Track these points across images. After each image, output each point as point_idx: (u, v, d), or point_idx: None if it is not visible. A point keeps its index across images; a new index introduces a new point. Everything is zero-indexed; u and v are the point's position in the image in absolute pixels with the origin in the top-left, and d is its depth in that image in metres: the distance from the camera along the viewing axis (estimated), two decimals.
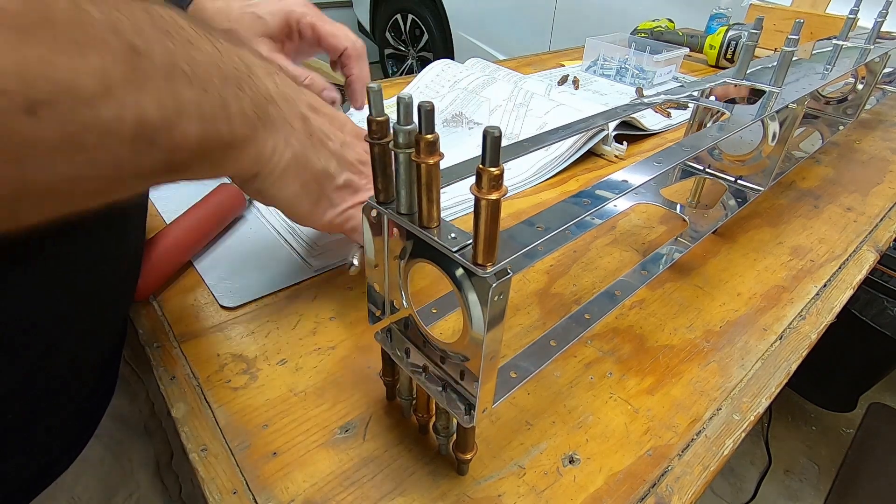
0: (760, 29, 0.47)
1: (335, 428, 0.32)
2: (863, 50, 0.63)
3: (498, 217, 0.20)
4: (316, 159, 0.33)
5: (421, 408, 0.31)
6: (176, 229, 0.43)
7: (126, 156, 0.20)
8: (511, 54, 1.21)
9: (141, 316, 0.40)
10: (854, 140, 0.78)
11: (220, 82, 0.24)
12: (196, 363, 0.36)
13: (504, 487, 0.29)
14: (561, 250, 0.49)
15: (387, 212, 0.25)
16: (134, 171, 0.21)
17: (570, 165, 0.64)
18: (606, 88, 0.93)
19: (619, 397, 0.35)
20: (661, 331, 0.41)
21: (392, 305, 0.29)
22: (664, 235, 0.53)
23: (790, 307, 0.44)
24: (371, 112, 0.23)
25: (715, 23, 1.23)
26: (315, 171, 0.33)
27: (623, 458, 0.31)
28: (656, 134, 0.76)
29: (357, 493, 0.29)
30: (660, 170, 0.31)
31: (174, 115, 0.22)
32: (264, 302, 0.41)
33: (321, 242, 0.47)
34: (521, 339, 0.39)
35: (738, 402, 0.35)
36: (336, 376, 0.36)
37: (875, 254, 0.52)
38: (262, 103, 0.28)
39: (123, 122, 0.19)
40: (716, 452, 0.32)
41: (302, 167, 0.32)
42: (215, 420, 0.32)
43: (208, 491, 0.28)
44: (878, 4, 0.66)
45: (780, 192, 0.62)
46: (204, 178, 0.28)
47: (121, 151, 0.20)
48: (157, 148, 0.21)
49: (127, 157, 0.20)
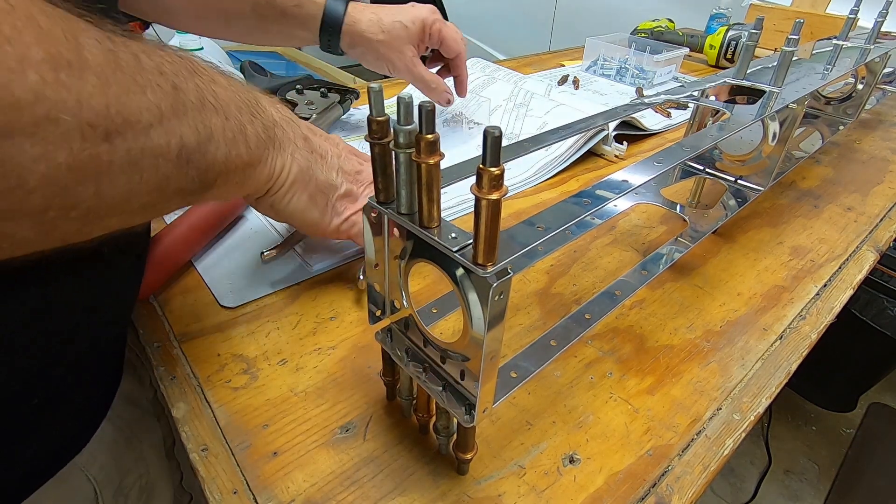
0: (760, 29, 0.47)
1: (335, 428, 0.32)
2: (863, 50, 0.63)
3: (498, 217, 0.20)
4: (319, 172, 0.37)
5: (421, 408, 0.31)
6: (176, 229, 0.43)
7: (172, 174, 0.24)
8: (511, 54, 1.21)
9: (141, 316, 0.40)
10: (854, 140, 0.78)
11: (238, 111, 0.29)
12: (196, 363, 0.36)
13: (504, 487, 0.30)
14: (561, 250, 0.49)
15: (387, 212, 0.25)
16: (176, 187, 0.25)
17: (571, 165, 0.64)
18: (606, 88, 0.93)
19: (620, 397, 0.35)
20: (661, 331, 0.41)
21: (392, 305, 0.29)
22: (664, 235, 0.53)
23: (790, 307, 0.44)
24: (371, 112, 0.23)
25: (715, 23, 1.23)
26: (320, 182, 0.37)
27: (623, 458, 0.31)
28: (656, 134, 0.76)
29: (357, 492, 0.29)
30: (660, 170, 0.31)
31: (205, 139, 0.26)
32: (264, 302, 0.41)
33: (321, 244, 0.48)
34: (522, 339, 0.39)
35: (738, 402, 0.35)
36: (336, 376, 0.36)
37: (875, 254, 0.52)
38: (270, 127, 0.32)
39: (170, 146, 0.23)
40: (716, 452, 0.32)
41: (308, 179, 0.36)
42: (216, 420, 0.32)
43: (209, 491, 0.28)
44: (878, 4, 0.66)
45: (781, 192, 0.62)
46: (228, 196, 0.31)
47: (167, 170, 0.23)
48: (194, 166, 0.25)
49: (172, 174, 0.24)
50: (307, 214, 0.37)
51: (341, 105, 0.70)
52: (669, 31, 1.18)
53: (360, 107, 0.76)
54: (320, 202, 0.37)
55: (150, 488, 0.40)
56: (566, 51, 1.18)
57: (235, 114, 0.28)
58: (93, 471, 0.35)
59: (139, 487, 0.39)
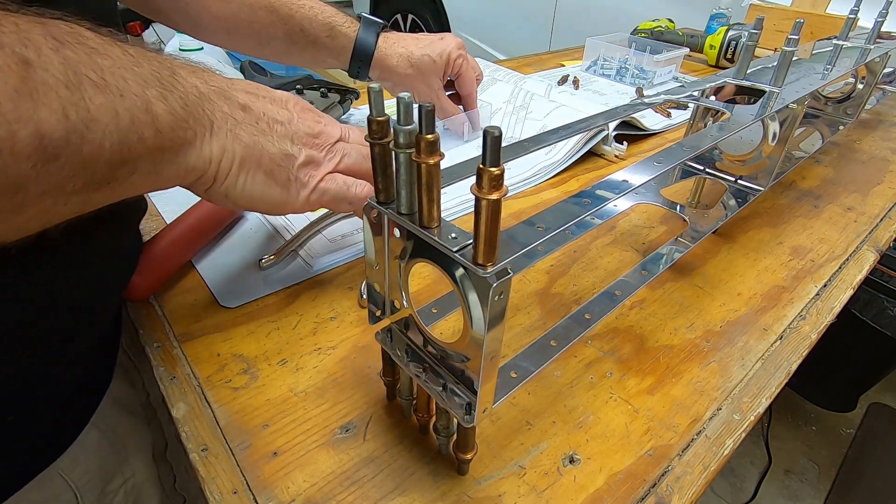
0: (760, 29, 0.47)
1: (335, 428, 0.32)
2: (863, 50, 0.63)
3: (498, 217, 0.20)
4: (270, 144, 0.32)
5: (421, 408, 0.31)
6: (176, 229, 0.43)
7: (27, 173, 0.19)
8: (511, 54, 1.21)
9: (141, 316, 0.40)
10: (854, 140, 0.78)
11: (139, 86, 0.24)
12: (196, 363, 0.36)
13: (504, 487, 0.30)
14: (561, 250, 0.49)
15: (387, 212, 0.25)
16: (43, 189, 0.20)
17: (571, 165, 0.64)
18: (606, 88, 0.93)
19: (620, 397, 0.35)
20: (661, 331, 0.41)
21: (392, 305, 0.29)
22: (664, 235, 0.53)
23: (790, 307, 0.44)
24: (371, 112, 0.23)
25: (715, 23, 1.23)
26: (273, 156, 0.32)
27: (623, 458, 0.31)
28: (656, 134, 0.76)
29: (357, 492, 0.29)
30: (660, 170, 0.31)
31: (82, 125, 0.20)
32: (264, 302, 0.41)
33: (320, 246, 0.48)
34: (522, 339, 0.39)
35: (738, 402, 0.35)
36: (336, 376, 0.36)
37: (875, 254, 0.52)
38: (194, 102, 0.27)
39: (16, 138, 0.18)
40: (716, 452, 0.32)
41: (259, 156, 0.31)
42: (216, 420, 0.32)
43: (209, 491, 0.28)
44: (878, 4, 0.66)
45: (780, 192, 0.62)
46: (146, 189, 0.27)
47: (20, 169, 0.18)
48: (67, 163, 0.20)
49: (29, 174, 0.19)
50: (268, 195, 0.33)
51: (341, 105, 0.70)
52: (669, 31, 1.18)
53: (360, 107, 0.76)
54: (280, 177, 0.33)
55: (136, 492, 0.40)
56: (566, 51, 1.18)
57: (135, 89, 0.23)
58: (74, 475, 0.34)
59: (124, 492, 0.39)
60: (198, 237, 0.44)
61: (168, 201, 0.52)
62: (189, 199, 0.46)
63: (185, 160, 0.27)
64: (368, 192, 0.37)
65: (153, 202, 0.51)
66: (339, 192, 0.36)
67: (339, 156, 0.36)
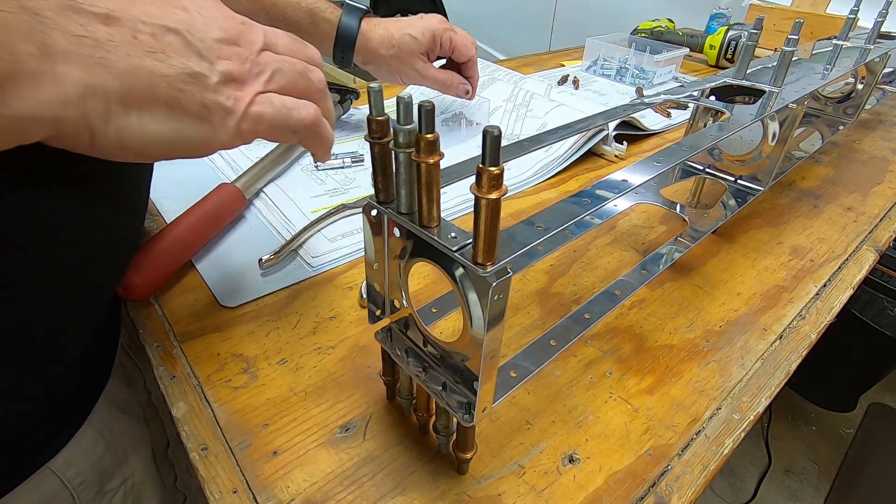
0: (760, 29, 0.47)
1: (335, 427, 0.32)
2: (863, 50, 0.63)
3: (498, 216, 0.20)
4: (162, 65, 0.23)
5: (421, 407, 0.31)
6: (176, 229, 0.43)
7: None
8: (511, 54, 1.21)
9: (141, 316, 0.40)
10: (854, 140, 0.78)
11: None
12: (196, 363, 0.36)
13: (504, 487, 0.30)
14: (561, 250, 0.49)
15: (387, 211, 0.25)
16: None
17: (571, 165, 0.64)
18: (606, 88, 0.93)
19: (619, 397, 0.35)
20: (660, 330, 0.41)
21: (392, 305, 0.29)
22: (664, 235, 0.53)
23: (790, 307, 0.44)
24: (371, 112, 0.23)
25: (715, 23, 1.23)
26: (171, 79, 0.24)
27: (623, 458, 0.31)
28: (656, 134, 0.76)
29: (357, 492, 0.29)
30: (660, 170, 0.31)
31: None
32: (264, 302, 0.41)
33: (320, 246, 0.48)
34: (521, 339, 0.39)
35: (737, 402, 0.35)
36: (336, 376, 0.36)
37: (875, 254, 0.52)
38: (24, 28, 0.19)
39: None
40: (716, 452, 0.32)
41: (148, 84, 0.23)
42: (215, 419, 0.32)
43: (209, 490, 0.28)
44: (878, 4, 0.66)
45: (780, 192, 0.62)
46: None
47: None
48: None
49: None
50: (182, 133, 0.25)
51: (341, 105, 0.70)
52: (669, 31, 1.18)
53: (359, 107, 0.76)
54: (190, 107, 0.24)
55: (136, 492, 0.40)
56: (566, 51, 1.18)
57: None
58: (69, 475, 0.34)
59: (124, 492, 0.38)
60: (198, 237, 0.44)
61: (168, 201, 0.52)
62: (189, 199, 0.46)
63: (24, 103, 0.19)
64: (315, 114, 0.29)
65: (153, 202, 0.52)
66: (278, 116, 0.27)
67: (268, 70, 0.27)
